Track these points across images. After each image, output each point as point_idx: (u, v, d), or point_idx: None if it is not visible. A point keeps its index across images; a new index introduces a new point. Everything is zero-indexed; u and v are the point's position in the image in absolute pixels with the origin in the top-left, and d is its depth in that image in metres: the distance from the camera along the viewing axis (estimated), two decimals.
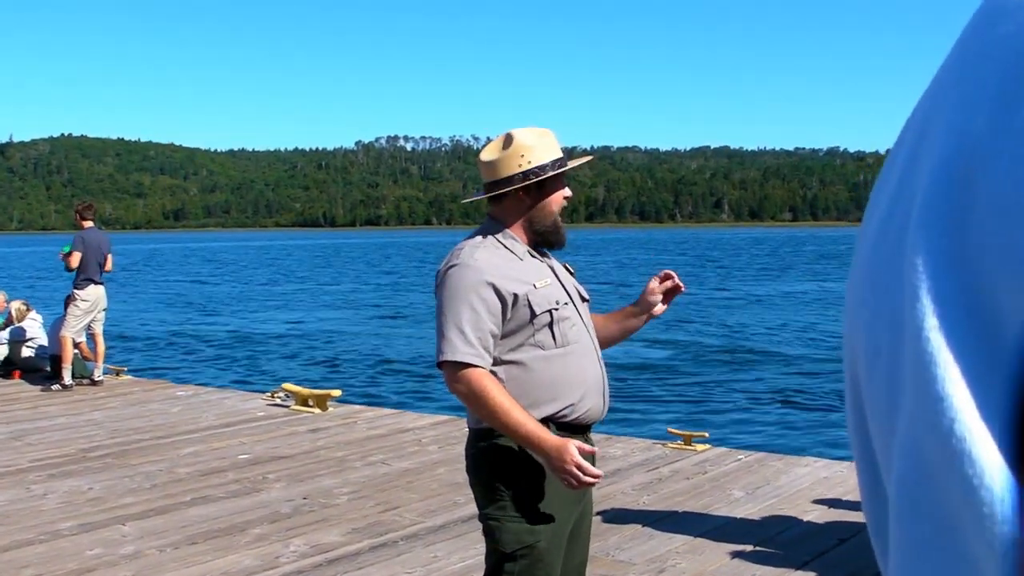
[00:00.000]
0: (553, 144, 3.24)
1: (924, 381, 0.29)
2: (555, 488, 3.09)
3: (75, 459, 8.12)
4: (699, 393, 16.10)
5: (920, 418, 0.30)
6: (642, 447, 8.37)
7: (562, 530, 3.16)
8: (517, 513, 3.10)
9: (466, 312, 3.06)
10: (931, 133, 0.33)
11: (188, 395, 11.42)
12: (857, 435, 0.36)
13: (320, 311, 34.34)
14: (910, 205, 0.32)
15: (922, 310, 0.30)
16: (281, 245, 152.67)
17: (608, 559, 5.46)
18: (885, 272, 0.33)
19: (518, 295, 3.10)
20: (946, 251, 0.30)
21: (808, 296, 38.36)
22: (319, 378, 17.61)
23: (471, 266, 3.10)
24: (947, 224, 0.30)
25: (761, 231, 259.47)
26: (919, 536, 0.30)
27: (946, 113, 0.32)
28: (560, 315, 3.15)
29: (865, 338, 0.34)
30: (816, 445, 11.62)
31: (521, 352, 3.12)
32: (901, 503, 0.31)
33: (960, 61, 0.32)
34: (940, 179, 0.31)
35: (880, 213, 0.35)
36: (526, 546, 3.08)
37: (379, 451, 8.31)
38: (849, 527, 6.02)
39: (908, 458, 0.31)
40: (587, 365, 3.19)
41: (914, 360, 0.30)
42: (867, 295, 0.34)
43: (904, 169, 0.34)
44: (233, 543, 5.87)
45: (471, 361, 3.04)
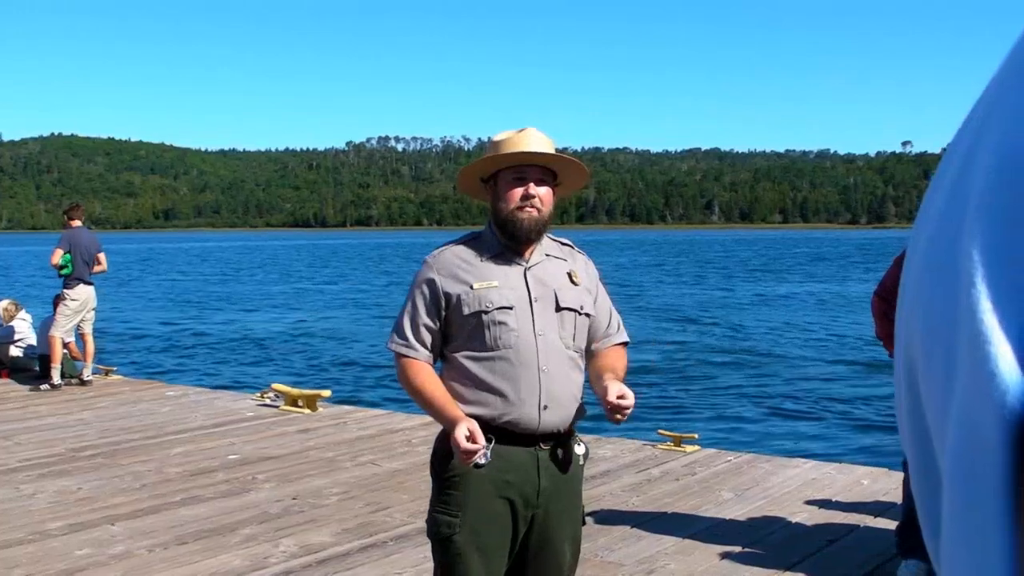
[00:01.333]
0: (522, 141, 3.22)
1: (978, 359, 0.31)
2: (476, 485, 3.11)
3: (65, 459, 8.10)
4: (689, 395, 16.11)
5: (974, 394, 0.31)
6: (632, 448, 8.38)
7: (486, 528, 3.13)
8: (439, 503, 3.20)
9: (408, 305, 3.27)
10: (989, 130, 0.34)
11: (177, 395, 11.40)
12: (911, 418, 0.38)
13: (310, 311, 34.29)
14: (967, 200, 0.34)
15: (976, 295, 0.31)
16: (271, 245, 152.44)
17: (597, 560, 5.47)
18: (943, 261, 0.35)
19: (451, 294, 3.19)
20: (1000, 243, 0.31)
21: (800, 298, 38.41)
22: (309, 378, 17.60)
23: (427, 263, 3.28)
24: (1001, 217, 0.32)
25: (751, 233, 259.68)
26: (972, 502, 0.32)
27: (1003, 111, 0.33)
28: (491, 318, 3.14)
29: (923, 322, 0.36)
30: (805, 447, 11.64)
31: (458, 352, 3.21)
32: (955, 472, 0.33)
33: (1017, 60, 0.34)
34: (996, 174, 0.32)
35: (937, 208, 0.37)
36: (444, 537, 3.16)
37: (369, 451, 8.31)
38: (838, 528, 6.04)
39: (963, 429, 0.32)
40: (521, 373, 3.14)
41: (969, 340, 0.32)
42: (925, 282, 0.36)
43: (961, 167, 0.36)
44: (223, 543, 5.86)
45: (399, 351, 3.25)
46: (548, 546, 3.24)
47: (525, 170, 3.22)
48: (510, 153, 3.20)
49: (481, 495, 3.13)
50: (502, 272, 3.22)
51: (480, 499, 3.13)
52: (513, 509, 3.17)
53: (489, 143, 3.32)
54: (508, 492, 3.14)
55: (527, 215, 3.20)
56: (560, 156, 3.26)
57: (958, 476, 0.33)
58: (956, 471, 0.33)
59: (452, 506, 3.14)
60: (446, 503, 3.16)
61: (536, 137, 3.24)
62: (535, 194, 3.20)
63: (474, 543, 3.13)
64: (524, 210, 3.20)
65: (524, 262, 3.26)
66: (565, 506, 3.25)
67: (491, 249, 3.25)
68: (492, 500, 3.14)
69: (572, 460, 3.25)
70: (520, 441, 3.15)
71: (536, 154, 3.21)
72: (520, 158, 3.20)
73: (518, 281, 3.21)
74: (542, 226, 3.24)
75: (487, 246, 3.27)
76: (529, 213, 3.20)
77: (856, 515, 6.30)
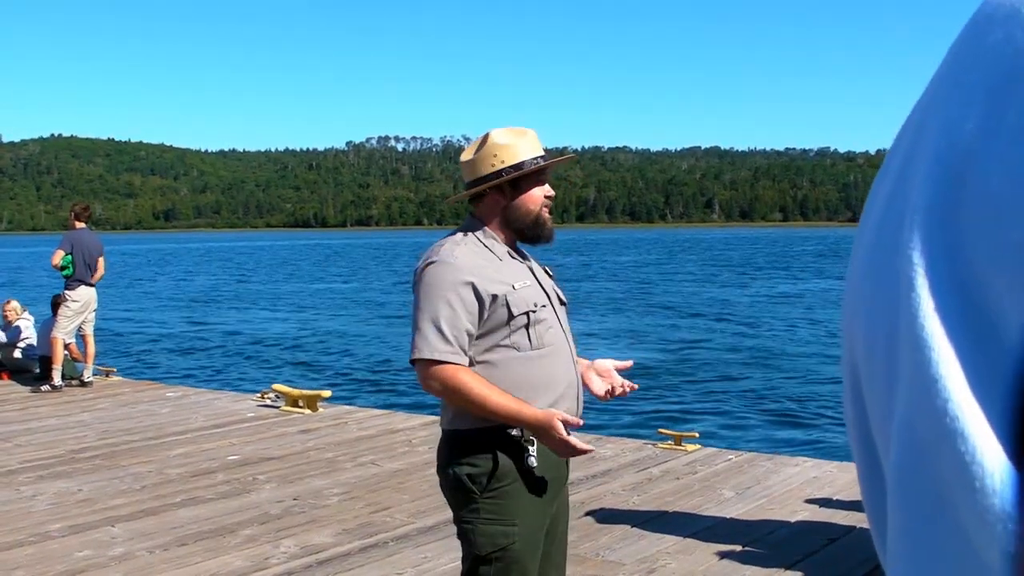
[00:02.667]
0: (530, 143, 3.25)
1: (918, 364, 0.31)
2: (528, 489, 3.10)
3: (65, 460, 8.10)
4: (689, 393, 16.11)
5: (915, 399, 0.31)
6: (632, 447, 8.38)
7: (537, 531, 3.15)
8: (490, 515, 3.09)
9: (444, 309, 3.05)
10: (926, 135, 0.34)
11: (178, 396, 11.40)
12: (856, 426, 0.37)
13: (310, 311, 34.32)
14: (905, 202, 0.34)
15: (917, 298, 0.31)
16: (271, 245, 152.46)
17: (598, 559, 5.46)
18: (883, 265, 0.34)
19: (497, 295, 3.10)
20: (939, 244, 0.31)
21: (800, 296, 38.41)
22: (309, 379, 17.60)
23: (451, 264, 3.10)
24: (940, 219, 0.31)
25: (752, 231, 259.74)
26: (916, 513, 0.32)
27: (939, 116, 0.33)
28: (537, 317, 3.14)
29: (864, 328, 0.35)
30: (806, 445, 11.64)
31: (496, 353, 3.12)
32: (898, 483, 0.32)
33: (953, 67, 0.34)
34: (933, 177, 0.32)
35: (877, 211, 0.37)
36: (500, 548, 3.08)
37: (369, 452, 8.31)
38: (839, 527, 6.03)
39: (905, 438, 0.32)
40: (561, 368, 3.18)
41: (909, 345, 0.31)
42: (865, 287, 0.35)
43: (900, 168, 0.36)
44: (223, 544, 5.86)
45: (448, 359, 3.04)
46: (557, 533, 3.30)
47: (545, 172, 3.28)
48: (558, 158, 3.31)
49: (533, 500, 3.12)
50: (523, 271, 3.24)
51: (533, 504, 3.12)
52: (551, 503, 3.21)
53: (493, 146, 3.25)
54: (551, 490, 3.16)
55: (549, 215, 3.29)
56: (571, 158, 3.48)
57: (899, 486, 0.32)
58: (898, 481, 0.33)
59: (507, 515, 3.08)
60: (497, 513, 3.08)
61: (537, 138, 3.30)
62: (553, 194, 3.29)
63: (530, 547, 3.12)
64: (546, 210, 3.27)
65: (527, 261, 3.30)
66: (566, 494, 3.35)
67: (497, 248, 3.24)
68: (540, 500, 3.14)
69: None
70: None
71: (566, 158, 3.41)
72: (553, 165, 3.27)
73: (533, 279, 3.24)
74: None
75: (496, 246, 3.24)
76: (549, 214, 3.29)
77: (857, 514, 6.29)
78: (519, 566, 3.09)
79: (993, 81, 0.31)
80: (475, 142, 3.33)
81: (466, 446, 3.12)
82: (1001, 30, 0.32)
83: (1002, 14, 0.32)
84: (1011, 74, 0.31)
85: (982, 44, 0.32)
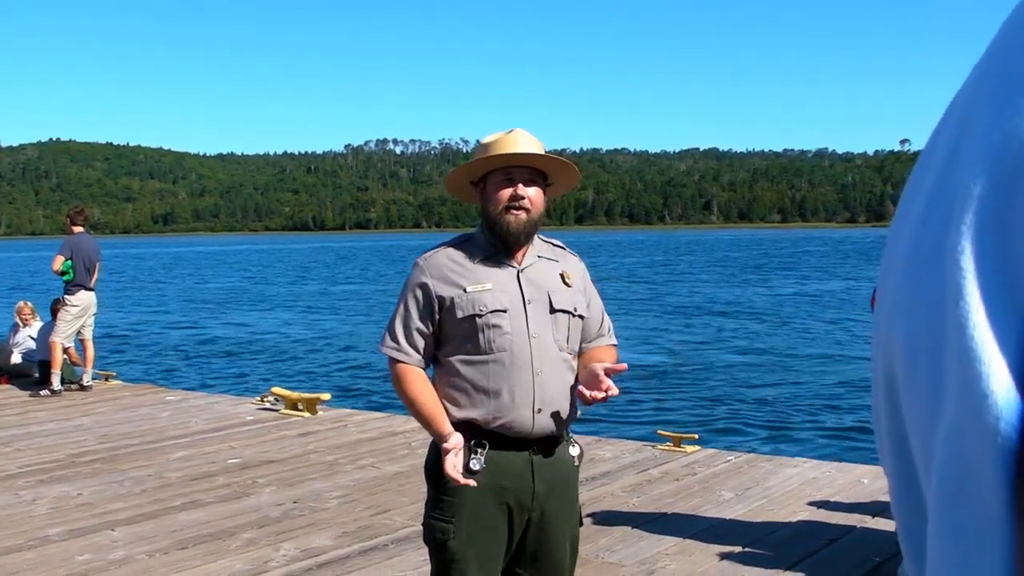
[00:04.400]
0: (510, 142, 3.20)
1: (969, 378, 0.29)
2: (470, 490, 3.09)
3: (64, 464, 8.10)
4: (689, 395, 16.11)
5: (965, 414, 0.30)
6: (632, 449, 8.38)
7: (480, 537, 3.13)
8: (435, 509, 3.18)
9: (401, 309, 3.24)
10: (973, 129, 0.32)
11: (177, 400, 11.40)
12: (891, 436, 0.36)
13: (309, 314, 34.30)
14: (951, 203, 0.32)
15: (966, 308, 0.30)
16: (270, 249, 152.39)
17: (598, 561, 5.47)
18: (926, 268, 0.33)
19: (444, 297, 3.16)
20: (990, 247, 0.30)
21: (799, 298, 38.41)
22: (309, 382, 17.60)
23: (419, 266, 3.25)
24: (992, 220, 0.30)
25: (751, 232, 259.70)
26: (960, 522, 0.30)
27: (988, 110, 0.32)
28: (486, 322, 3.12)
29: (904, 336, 0.34)
30: (805, 446, 11.65)
31: (451, 355, 3.19)
32: (943, 491, 0.31)
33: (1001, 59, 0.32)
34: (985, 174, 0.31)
35: (917, 212, 0.35)
36: (439, 543, 3.15)
37: (369, 454, 8.31)
38: (838, 528, 6.04)
39: (953, 450, 0.30)
40: (515, 376, 3.12)
41: (958, 356, 0.30)
42: (905, 291, 0.34)
43: (944, 164, 0.34)
44: (223, 548, 5.86)
45: (393, 356, 3.22)
46: (546, 548, 3.23)
47: (513, 171, 3.19)
48: (498, 155, 3.17)
49: (476, 501, 3.11)
50: (495, 274, 3.19)
51: (475, 504, 3.12)
52: (509, 514, 3.16)
53: (478, 146, 3.30)
54: (503, 497, 3.14)
55: (515, 217, 3.17)
56: (548, 156, 3.23)
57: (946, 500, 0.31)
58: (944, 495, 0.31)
59: (447, 512, 3.13)
60: (441, 509, 3.15)
61: (524, 138, 3.22)
62: (524, 195, 3.17)
63: (469, 548, 3.12)
64: (512, 212, 3.17)
65: (516, 264, 3.23)
66: (561, 508, 3.24)
67: (483, 251, 3.22)
68: (487, 505, 3.13)
69: (566, 462, 3.25)
70: (514, 445, 3.14)
71: (524, 155, 3.18)
72: (508, 160, 3.18)
73: (511, 283, 3.19)
74: (532, 227, 3.21)
75: (479, 248, 3.24)
76: (517, 215, 3.17)
77: (856, 515, 6.30)
78: (456, 565, 3.12)
79: None
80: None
81: (433, 442, 3.22)
82: None
83: None
84: None
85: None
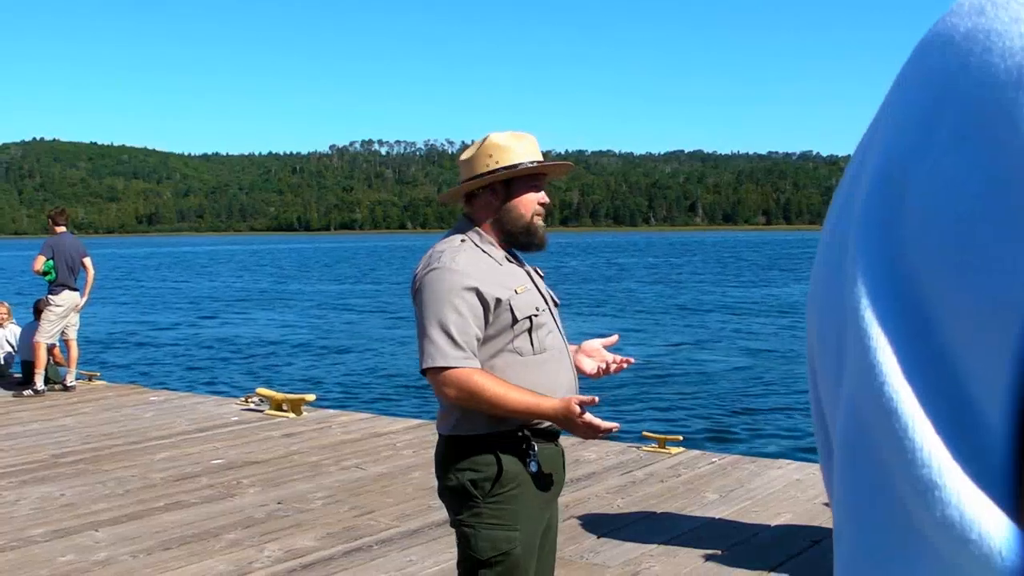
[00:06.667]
0: (528, 147, 3.24)
1: (860, 352, 0.35)
2: (530, 493, 3.10)
3: (47, 465, 8.07)
4: (673, 397, 16.14)
5: (857, 383, 0.35)
6: (616, 450, 8.39)
7: (536, 535, 3.16)
8: (493, 520, 3.08)
9: (451, 315, 3.04)
10: (872, 149, 0.38)
11: (161, 400, 11.37)
12: (815, 411, 0.42)
13: (294, 315, 34.23)
14: (852, 209, 0.38)
15: (858, 294, 0.35)
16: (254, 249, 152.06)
17: (582, 562, 5.47)
18: (833, 268, 0.38)
19: (501, 300, 3.09)
20: (879, 247, 0.35)
21: (783, 299, 38.51)
22: (293, 383, 17.56)
23: (453, 270, 3.08)
24: (880, 225, 0.35)
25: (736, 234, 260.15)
26: (857, 482, 0.36)
27: (882, 132, 0.38)
28: (539, 321, 3.15)
29: (818, 323, 0.40)
30: (789, 448, 11.68)
31: (499, 358, 3.11)
32: (843, 455, 0.37)
33: (898, 89, 0.38)
34: (875, 188, 0.36)
35: (832, 221, 0.41)
36: (502, 552, 3.07)
37: (353, 456, 8.30)
38: (822, 529, 6.06)
39: (849, 417, 0.36)
40: (562, 371, 3.20)
41: (853, 336, 0.35)
42: (820, 288, 0.40)
43: (850, 182, 0.39)
44: (207, 548, 5.84)
45: (462, 365, 3.03)
46: (550, 535, 3.31)
47: (540, 178, 3.27)
48: (542, 164, 3.25)
49: (534, 504, 3.13)
50: (522, 275, 3.24)
51: (534, 509, 3.13)
52: (548, 510, 3.23)
53: (489, 146, 3.24)
54: (552, 493, 3.19)
55: (542, 222, 3.28)
56: (569, 164, 3.43)
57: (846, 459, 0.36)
58: (843, 458, 0.37)
59: (510, 520, 3.08)
60: (500, 518, 3.08)
61: (537, 144, 3.30)
62: (547, 202, 3.28)
63: (530, 550, 3.13)
64: (540, 217, 3.26)
65: (523, 265, 3.31)
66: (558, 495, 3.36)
67: (495, 252, 3.23)
68: (540, 503, 3.16)
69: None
70: (552, 438, 3.19)
71: (563, 165, 3.35)
72: (543, 169, 3.25)
73: (532, 283, 3.25)
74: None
75: (493, 250, 3.23)
76: (542, 222, 3.28)
77: None
78: (519, 571, 3.09)
79: (926, 101, 0.35)
80: (475, 143, 3.34)
81: (469, 451, 3.10)
82: (938, 54, 0.36)
83: (940, 41, 0.36)
84: (943, 94, 0.34)
85: (921, 67, 0.37)
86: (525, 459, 3.09)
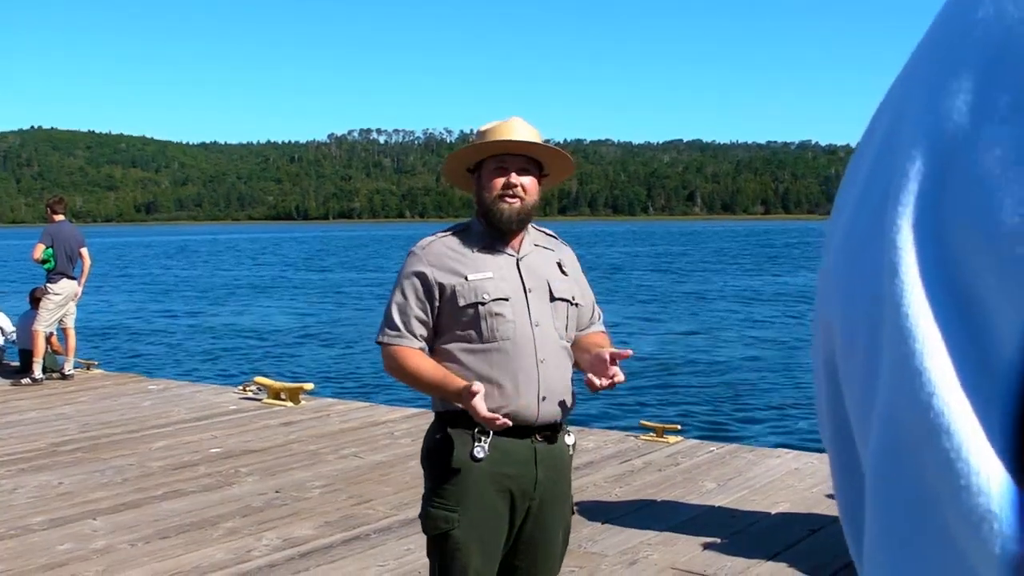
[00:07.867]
0: (508, 129, 3.20)
1: (903, 355, 0.29)
2: (473, 480, 3.09)
3: (45, 453, 8.06)
4: (672, 386, 16.14)
5: (899, 392, 0.29)
6: (615, 439, 8.39)
7: (484, 525, 3.11)
8: (436, 497, 3.13)
9: (398, 297, 3.21)
10: (908, 115, 0.32)
11: (159, 389, 11.37)
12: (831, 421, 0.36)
13: (292, 304, 34.22)
14: (886, 186, 0.32)
15: (901, 286, 0.30)
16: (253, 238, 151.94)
17: (580, 551, 5.47)
18: (861, 250, 0.33)
19: (445, 285, 3.14)
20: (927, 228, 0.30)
21: (781, 289, 38.50)
22: (292, 371, 17.56)
23: (415, 254, 3.23)
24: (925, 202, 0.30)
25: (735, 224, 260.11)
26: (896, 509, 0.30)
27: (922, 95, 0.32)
28: (488, 310, 3.12)
29: (842, 317, 0.34)
30: (788, 437, 11.68)
31: (451, 344, 3.17)
32: (878, 476, 0.31)
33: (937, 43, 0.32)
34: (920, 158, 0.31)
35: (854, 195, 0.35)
36: (441, 533, 3.11)
37: (352, 444, 8.30)
38: (820, 518, 6.06)
39: (886, 431, 0.30)
40: (518, 364, 3.12)
41: (893, 335, 0.30)
42: (843, 276, 0.34)
43: (879, 150, 0.34)
44: (205, 537, 5.85)
45: (394, 342, 3.19)
46: (542, 536, 3.25)
47: (508, 159, 3.20)
48: (494, 141, 3.18)
49: (480, 488, 3.09)
50: (495, 263, 3.19)
51: (479, 492, 3.10)
52: (512, 502, 3.15)
53: (475, 133, 3.30)
54: (507, 485, 3.13)
55: (508, 204, 3.17)
56: (543, 145, 3.23)
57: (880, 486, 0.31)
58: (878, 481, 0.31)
59: (450, 500, 3.09)
60: (443, 497, 3.10)
61: (521, 126, 3.22)
62: (517, 183, 3.17)
63: (473, 537, 3.10)
64: (505, 199, 3.17)
65: (515, 252, 3.24)
66: (558, 496, 3.26)
67: (481, 240, 3.22)
68: (491, 493, 3.11)
69: (564, 451, 3.26)
70: (518, 433, 3.12)
71: (519, 143, 3.18)
72: (504, 147, 3.18)
73: (511, 272, 3.19)
74: (525, 215, 3.21)
75: (477, 237, 3.23)
76: (511, 203, 3.17)
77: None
78: (461, 554, 3.09)
79: (982, 60, 0.30)
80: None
81: (433, 427, 3.21)
82: (991, 5, 0.30)
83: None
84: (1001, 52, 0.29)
85: (969, 19, 0.31)
86: (472, 443, 3.09)
